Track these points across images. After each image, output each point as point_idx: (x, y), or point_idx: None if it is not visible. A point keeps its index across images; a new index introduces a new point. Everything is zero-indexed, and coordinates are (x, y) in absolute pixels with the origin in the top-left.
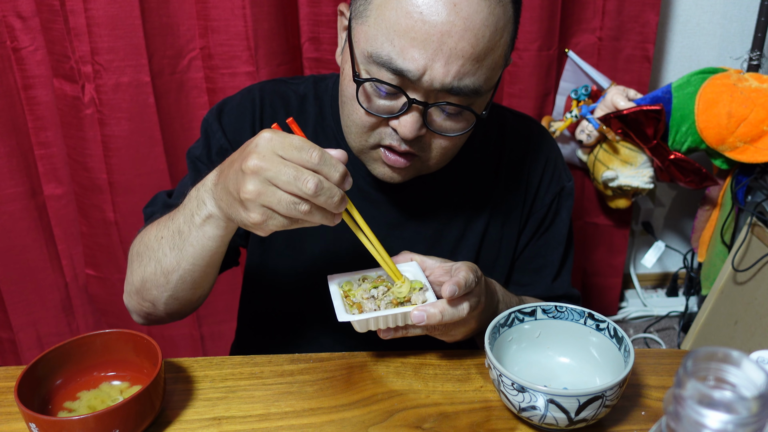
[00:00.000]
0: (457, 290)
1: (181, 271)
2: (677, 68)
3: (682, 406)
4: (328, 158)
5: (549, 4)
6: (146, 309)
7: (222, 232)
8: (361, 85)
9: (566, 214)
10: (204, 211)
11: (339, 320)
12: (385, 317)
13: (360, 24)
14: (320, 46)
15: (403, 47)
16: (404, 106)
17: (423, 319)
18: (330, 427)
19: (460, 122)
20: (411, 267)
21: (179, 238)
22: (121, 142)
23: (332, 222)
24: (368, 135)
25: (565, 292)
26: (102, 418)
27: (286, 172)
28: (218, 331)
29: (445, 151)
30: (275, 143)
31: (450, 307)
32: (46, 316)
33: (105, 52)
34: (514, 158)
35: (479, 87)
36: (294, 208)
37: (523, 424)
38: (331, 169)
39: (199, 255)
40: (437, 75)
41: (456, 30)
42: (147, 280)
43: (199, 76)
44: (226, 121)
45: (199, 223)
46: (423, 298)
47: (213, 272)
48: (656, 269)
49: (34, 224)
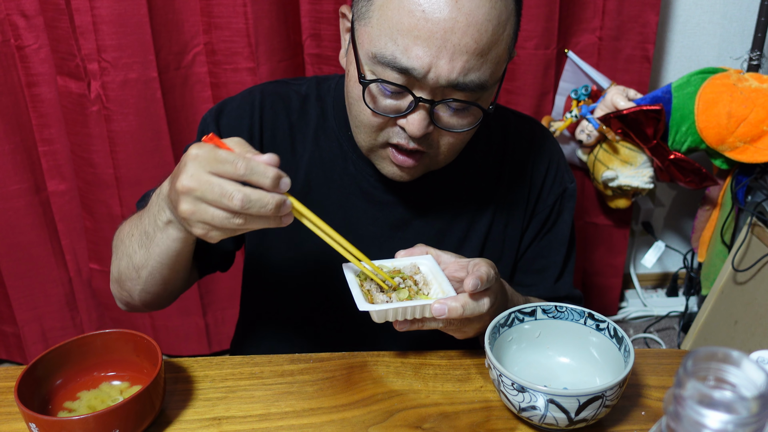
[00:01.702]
0: (480, 284)
1: (149, 269)
2: (677, 68)
3: (682, 406)
4: (255, 166)
5: (547, 3)
6: (125, 298)
7: (184, 234)
8: (366, 87)
9: (569, 215)
10: (163, 216)
11: (359, 309)
12: (404, 309)
13: (363, 25)
14: (321, 43)
15: (407, 46)
16: (411, 104)
17: (444, 312)
18: (330, 427)
19: (467, 118)
20: (426, 260)
21: (146, 238)
22: (128, 137)
23: (280, 224)
24: (377, 134)
25: (568, 292)
26: (102, 418)
27: (212, 191)
28: (222, 318)
29: (452, 147)
30: (201, 160)
31: (472, 301)
32: (50, 311)
33: (112, 49)
34: (517, 159)
35: (485, 81)
36: (229, 222)
37: (523, 424)
38: (260, 176)
39: (165, 255)
40: (442, 72)
41: (459, 26)
42: (122, 272)
43: (203, 71)
44: (224, 123)
45: (162, 227)
46: (440, 291)
47: (182, 269)
48: (656, 269)
49: (38, 220)
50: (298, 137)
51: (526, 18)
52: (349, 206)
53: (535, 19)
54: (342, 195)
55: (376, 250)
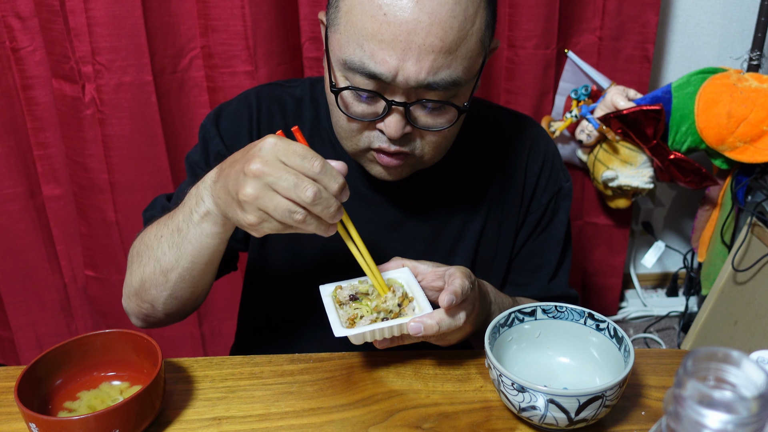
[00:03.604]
0: (455, 299)
1: (180, 269)
2: (677, 68)
3: (682, 406)
4: (329, 169)
5: (547, 3)
6: (145, 310)
7: (220, 229)
8: (338, 94)
9: (564, 214)
10: (202, 207)
11: (335, 336)
12: (381, 329)
13: (333, 32)
14: (321, 46)
15: (373, 51)
16: (385, 108)
17: (420, 330)
18: (330, 427)
19: (444, 115)
20: (403, 273)
21: (178, 236)
22: (123, 142)
23: (326, 233)
24: (357, 139)
25: (563, 292)
26: (102, 418)
27: (287, 179)
28: (218, 329)
29: (436, 145)
30: (279, 149)
31: (447, 317)
32: (44, 317)
33: (106, 51)
34: (511, 158)
35: (457, 78)
36: (289, 216)
37: (523, 424)
38: (330, 179)
39: (198, 253)
40: (410, 74)
41: (422, 26)
42: (146, 279)
43: (200, 75)
44: (224, 127)
45: (198, 221)
46: (414, 307)
47: (212, 271)
48: (656, 269)
49: (32, 225)
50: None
51: (526, 18)
52: (344, 207)
53: (535, 19)
54: None
55: (372, 251)
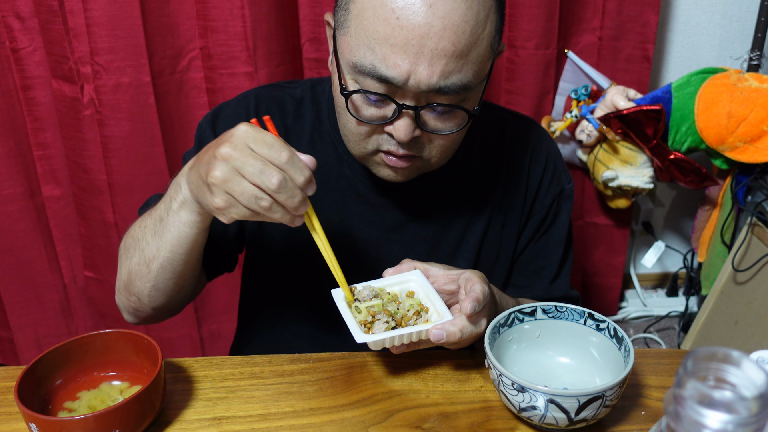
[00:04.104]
0: (477, 305)
1: (161, 259)
2: (677, 68)
3: (682, 406)
4: (297, 161)
5: (547, 3)
6: (133, 304)
7: (196, 218)
8: (349, 97)
9: (566, 215)
10: (180, 196)
11: (357, 342)
12: (401, 336)
13: (342, 34)
14: (321, 47)
15: (384, 55)
16: (395, 112)
17: (443, 337)
18: (330, 427)
19: (453, 119)
20: (415, 276)
21: (160, 224)
22: (121, 143)
23: (292, 223)
24: (366, 142)
25: (564, 293)
26: (102, 418)
27: (253, 164)
28: (217, 331)
29: (444, 149)
30: (249, 136)
31: (469, 324)
32: (44, 318)
33: (105, 52)
34: (513, 160)
35: (468, 83)
36: (255, 201)
37: (523, 424)
38: (297, 171)
39: (177, 242)
40: (422, 78)
41: (435, 30)
42: (132, 271)
43: (199, 76)
44: (220, 128)
45: (176, 209)
46: (435, 313)
47: (192, 262)
48: (656, 269)
49: (32, 225)
50: (294, 141)
51: (526, 18)
52: (346, 209)
53: (535, 19)
54: (338, 198)
55: (374, 253)
